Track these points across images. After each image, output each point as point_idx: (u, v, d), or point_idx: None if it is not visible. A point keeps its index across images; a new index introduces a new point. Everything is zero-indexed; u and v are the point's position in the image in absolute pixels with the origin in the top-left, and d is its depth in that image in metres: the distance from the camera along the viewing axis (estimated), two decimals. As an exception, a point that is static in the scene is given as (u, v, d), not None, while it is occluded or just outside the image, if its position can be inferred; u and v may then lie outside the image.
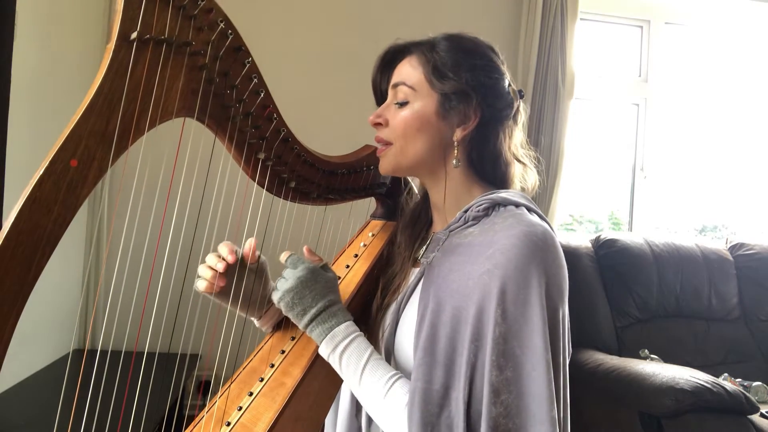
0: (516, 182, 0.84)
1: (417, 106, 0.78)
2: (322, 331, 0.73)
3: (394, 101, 0.81)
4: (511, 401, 0.62)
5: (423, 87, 0.79)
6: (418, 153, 0.79)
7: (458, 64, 0.78)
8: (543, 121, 2.40)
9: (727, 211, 3.04)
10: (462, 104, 0.78)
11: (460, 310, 0.68)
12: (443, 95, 0.78)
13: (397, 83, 0.81)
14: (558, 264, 0.69)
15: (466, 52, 0.79)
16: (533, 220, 0.71)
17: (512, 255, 0.66)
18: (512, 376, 0.62)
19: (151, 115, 0.59)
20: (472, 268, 0.69)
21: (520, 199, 0.76)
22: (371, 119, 0.83)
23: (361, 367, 0.71)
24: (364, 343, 0.74)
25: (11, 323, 0.50)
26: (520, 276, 0.65)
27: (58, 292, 1.94)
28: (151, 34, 0.58)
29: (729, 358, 2.18)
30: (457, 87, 0.77)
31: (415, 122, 0.78)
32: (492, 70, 0.80)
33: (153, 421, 1.41)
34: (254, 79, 0.72)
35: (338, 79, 2.31)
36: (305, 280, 0.74)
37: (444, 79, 0.77)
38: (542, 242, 0.67)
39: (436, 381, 0.67)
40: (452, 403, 0.65)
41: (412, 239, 0.88)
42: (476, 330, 0.66)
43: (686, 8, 2.78)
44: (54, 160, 0.52)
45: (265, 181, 0.80)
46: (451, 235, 0.77)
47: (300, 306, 0.73)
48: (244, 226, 0.83)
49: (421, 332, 0.70)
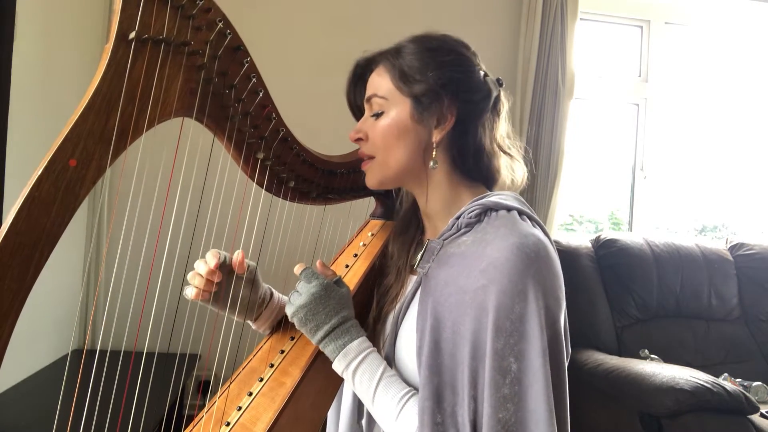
0: (503, 175, 0.82)
1: (392, 114, 0.78)
2: (335, 348, 0.73)
3: (370, 114, 0.81)
4: (508, 418, 0.61)
5: (394, 94, 0.78)
6: (401, 161, 0.78)
7: (425, 64, 0.76)
8: (543, 121, 2.40)
9: (727, 211, 3.04)
10: (435, 104, 0.76)
11: (458, 326, 0.67)
12: (415, 99, 0.76)
13: (369, 96, 0.80)
14: (553, 273, 0.68)
15: (432, 51, 0.78)
16: (525, 230, 0.69)
17: (506, 270, 0.65)
18: (509, 393, 0.62)
19: (149, 115, 0.59)
20: (466, 282, 0.68)
21: (513, 202, 0.75)
22: (351, 136, 0.83)
23: (374, 387, 0.71)
24: (377, 360, 0.73)
25: (10, 323, 0.50)
26: (515, 290, 0.64)
27: (57, 292, 1.94)
28: (149, 34, 0.58)
29: (729, 358, 2.17)
30: (426, 88, 0.76)
31: (392, 131, 0.77)
32: (461, 63, 0.78)
33: (153, 421, 1.41)
34: (253, 79, 0.72)
35: (337, 79, 2.29)
36: (318, 296, 0.73)
37: (412, 82, 0.76)
38: (535, 254, 0.66)
39: (443, 400, 0.66)
40: (459, 420, 0.65)
41: (405, 247, 0.87)
42: (474, 347, 0.65)
43: (686, 8, 2.78)
44: (53, 160, 0.52)
45: (264, 181, 0.80)
46: (445, 244, 0.76)
47: (313, 322, 0.73)
48: (243, 225, 0.83)
49: (423, 348, 0.70)
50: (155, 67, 0.59)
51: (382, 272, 0.89)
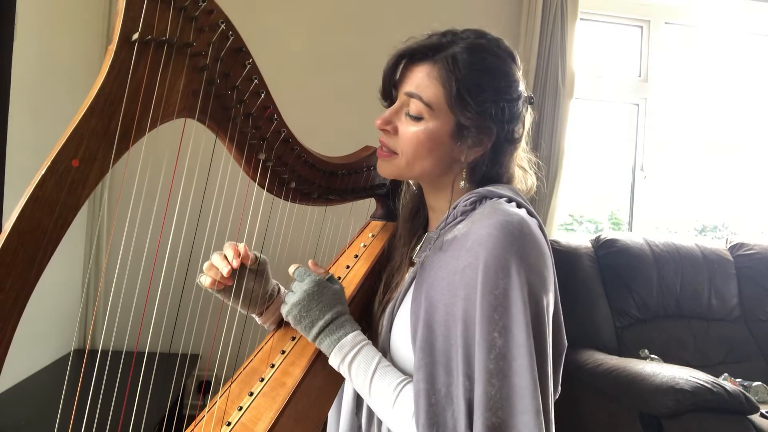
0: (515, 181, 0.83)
1: (432, 126, 0.75)
2: (330, 342, 0.73)
3: (405, 109, 0.77)
4: (494, 393, 0.62)
5: (441, 107, 0.74)
6: (425, 170, 0.78)
7: (481, 88, 0.73)
8: (543, 121, 2.40)
9: (727, 211, 3.05)
10: (479, 132, 0.75)
11: (451, 307, 0.68)
12: (460, 122, 0.74)
13: (412, 93, 0.75)
14: (537, 252, 0.68)
15: (490, 73, 0.74)
16: (510, 210, 0.70)
17: (490, 245, 0.65)
18: (494, 368, 0.62)
19: (152, 116, 0.59)
20: (456, 263, 0.69)
21: (506, 191, 0.75)
22: (379, 124, 0.78)
23: (370, 377, 0.72)
24: (372, 352, 0.74)
25: (13, 323, 0.50)
26: (498, 266, 0.64)
27: (58, 293, 1.94)
28: (152, 36, 0.58)
29: (729, 358, 2.18)
30: (477, 117, 0.73)
31: (427, 142, 0.75)
32: (511, 90, 0.76)
33: (153, 421, 1.41)
34: (255, 80, 0.72)
35: (338, 80, 2.31)
36: (312, 293, 0.75)
37: (466, 108, 0.73)
38: (518, 231, 0.67)
39: (438, 381, 0.67)
40: (454, 401, 0.66)
41: (411, 234, 0.88)
42: (466, 325, 0.66)
43: (686, 8, 2.78)
44: (56, 160, 0.52)
45: (265, 182, 0.80)
46: (442, 233, 0.77)
47: (308, 319, 0.74)
48: (244, 226, 0.83)
49: (418, 332, 0.70)
50: (158, 69, 0.60)
51: (390, 257, 0.90)
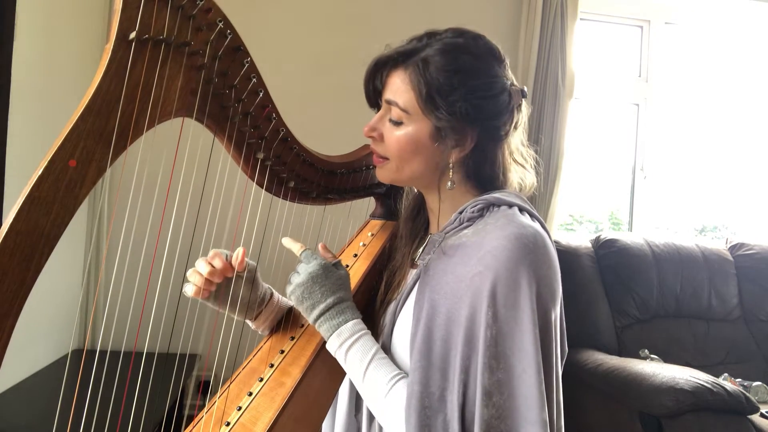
0: (514, 184, 0.83)
1: (410, 129, 0.75)
2: (329, 327, 0.74)
3: (388, 116, 0.78)
4: (502, 403, 0.62)
5: (416, 111, 0.74)
6: (415, 172, 0.79)
7: (452, 87, 0.72)
8: (543, 121, 2.40)
9: (727, 211, 3.04)
10: (455, 132, 0.74)
11: (453, 312, 0.68)
12: (436, 123, 0.74)
13: (390, 100, 0.76)
14: (549, 266, 0.68)
15: (463, 73, 0.72)
16: (524, 221, 0.70)
17: (503, 257, 0.65)
18: (503, 378, 0.63)
19: (149, 115, 0.59)
20: (464, 270, 0.69)
21: (515, 200, 0.76)
22: (366, 131, 0.80)
23: (366, 364, 0.72)
24: (370, 341, 0.74)
25: (10, 323, 0.50)
26: (510, 278, 0.64)
27: (57, 292, 1.94)
28: (149, 34, 0.58)
29: (729, 358, 2.17)
30: (450, 117, 0.72)
31: (409, 146, 0.76)
32: (491, 87, 0.74)
33: (153, 421, 1.41)
34: (253, 79, 0.72)
35: (338, 79, 2.30)
36: (316, 276, 0.75)
37: (436, 109, 0.72)
38: (533, 244, 0.67)
39: (432, 384, 0.67)
40: (448, 406, 0.66)
41: (413, 234, 0.88)
42: (469, 332, 0.66)
43: (686, 8, 2.78)
44: (53, 160, 0.52)
45: (264, 181, 0.80)
46: (447, 237, 0.77)
47: (309, 300, 0.74)
48: (243, 225, 0.83)
49: (417, 335, 0.70)
50: (155, 68, 0.59)
51: (391, 255, 0.90)
